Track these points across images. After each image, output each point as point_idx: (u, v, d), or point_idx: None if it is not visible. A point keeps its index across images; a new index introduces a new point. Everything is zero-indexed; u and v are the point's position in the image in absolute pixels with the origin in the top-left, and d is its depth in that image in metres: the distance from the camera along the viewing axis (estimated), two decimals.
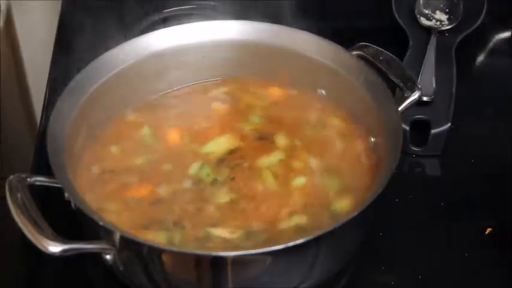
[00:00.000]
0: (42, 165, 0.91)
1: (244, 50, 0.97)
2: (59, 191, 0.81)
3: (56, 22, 1.21)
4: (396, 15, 1.15)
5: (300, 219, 0.84)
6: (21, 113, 1.45)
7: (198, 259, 0.77)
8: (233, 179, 0.88)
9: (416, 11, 1.15)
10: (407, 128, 1.01)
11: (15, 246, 0.90)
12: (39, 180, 0.82)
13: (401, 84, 0.90)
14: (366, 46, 0.94)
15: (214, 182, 0.88)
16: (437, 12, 1.16)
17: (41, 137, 1.01)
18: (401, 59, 1.06)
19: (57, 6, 1.25)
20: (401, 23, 1.14)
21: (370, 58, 0.93)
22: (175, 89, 0.99)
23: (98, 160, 0.91)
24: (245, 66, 0.98)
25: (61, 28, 1.20)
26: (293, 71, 0.97)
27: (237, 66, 0.98)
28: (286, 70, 0.97)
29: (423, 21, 1.15)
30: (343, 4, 1.20)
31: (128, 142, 0.93)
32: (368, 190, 0.83)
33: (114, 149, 0.92)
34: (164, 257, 0.77)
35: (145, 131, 0.94)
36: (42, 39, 1.34)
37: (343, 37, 0.97)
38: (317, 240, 0.76)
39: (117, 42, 0.95)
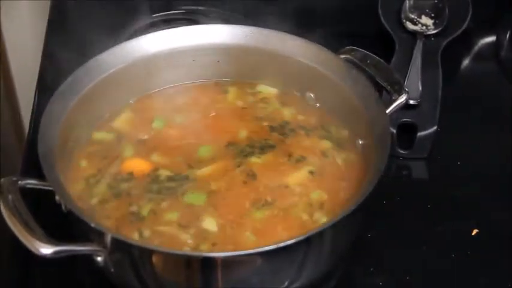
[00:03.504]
0: (32, 168, 0.92)
1: (234, 54, 0.97)
2: (50, 194, 0.81)
3: (44, 23, 1.22)
4: (383, 20, 1.16)
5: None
6: (7, 115, 1.45)
7: (189, 260, 0.78)
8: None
9: (402, 16, 1.16)
10: (394, 131, 1.02)
11: (5, 249, 0.90)
12: (30, 183, 0.82)
13: (389, 87, 0.90)
14: (353, 50, 0.94)
15: None
16: (423, 17, 1.17)
17: (31, 140, 1.01)
18: (388, 63, 1.06)
19: (46, 8, 1.25)
20: (388, 28, 1.15)
21: (358, 62, 0.93)
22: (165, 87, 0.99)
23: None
24: (235, 69, 0.99)
25: (50, 30, 1.20)
26: (282, 74, 0.98)
27: (226, 70, 0.99)
28: (275, 74, 0.98)
29: (409, 25, 1.16)
30: (331, 9, 1.21)
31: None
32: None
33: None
34: (155, 258, 0.78)
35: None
36: (29, 40, 1.34)
37: (331, 41, 0.98)
38: (307, 240, 0.77)
39: (107, 45, 0.95)
